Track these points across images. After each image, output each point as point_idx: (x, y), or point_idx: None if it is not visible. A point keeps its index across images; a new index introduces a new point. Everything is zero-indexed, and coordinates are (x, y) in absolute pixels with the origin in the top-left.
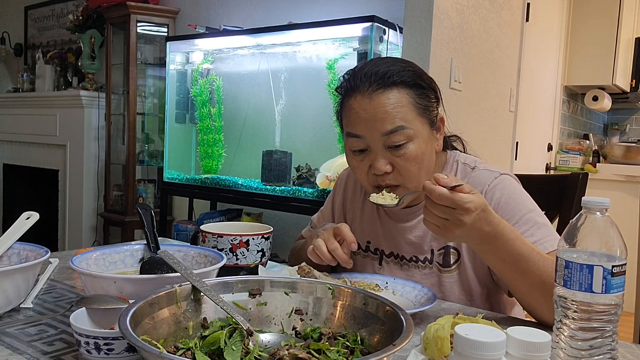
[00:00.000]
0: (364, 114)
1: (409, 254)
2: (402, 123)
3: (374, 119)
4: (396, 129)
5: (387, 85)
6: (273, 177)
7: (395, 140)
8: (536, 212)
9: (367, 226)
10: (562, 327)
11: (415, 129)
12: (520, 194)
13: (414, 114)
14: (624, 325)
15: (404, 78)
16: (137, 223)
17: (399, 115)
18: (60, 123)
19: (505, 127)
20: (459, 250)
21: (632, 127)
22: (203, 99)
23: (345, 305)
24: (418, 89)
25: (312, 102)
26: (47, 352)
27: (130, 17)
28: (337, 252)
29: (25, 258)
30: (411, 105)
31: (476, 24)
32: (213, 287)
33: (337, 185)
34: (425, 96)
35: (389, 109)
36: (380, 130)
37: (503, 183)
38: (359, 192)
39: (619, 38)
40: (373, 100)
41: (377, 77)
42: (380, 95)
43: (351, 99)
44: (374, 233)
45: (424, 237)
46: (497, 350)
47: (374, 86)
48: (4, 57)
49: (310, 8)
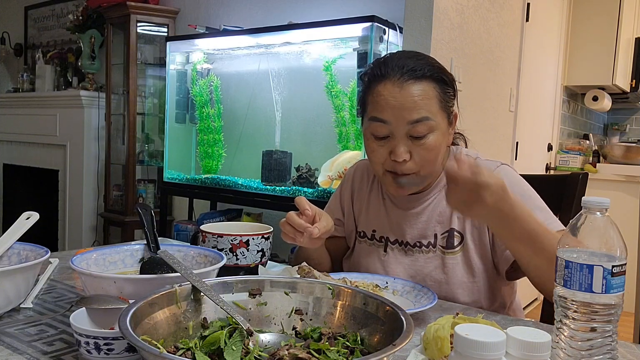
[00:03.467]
0: (393, 101)
1: (413, 240)
2: (427, 114)
3: (402, 107)
4: (422, 119)
5: (418, 77)
6: (273, 177)
7: (420, 130)
8: (537, 197)
9: (372, 215)
10: (562, 327)
11: (437, 121)
12: (521, 181)
13: (437, 107)
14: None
15: (432, 72)
16: (137, 223)
17: (425, 107)
18: (60, 123)
19: (505, 127)
20: (463, 233)
21: (632, 127)
22: (203, 99)
23: (345, 305)
24: (442, 84)
25: (312, 102)
26: (47, 352)
27: (130, 17)
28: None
29: (25, 258)
30: (436, 99)
31: (476, 24)
32: (213, 287)
33: (345, 181)
34: (446, 92)
35: (418, 99)
36: (407, 118)
37: (505, 170)
38: (366, 184)
39: (619, 38)
40: (403, 89)
41: (409, 69)
42: (410, 85)
43: (380, 85)
44: (379, 222)
45: (428, 222)
46: (497, 350)
47: (405, 76)
48: (4, 57)
49: (310, 8)
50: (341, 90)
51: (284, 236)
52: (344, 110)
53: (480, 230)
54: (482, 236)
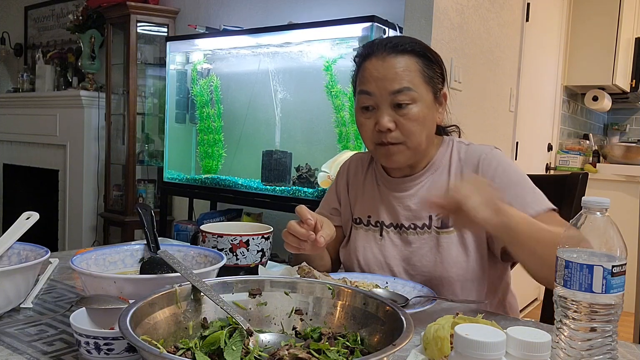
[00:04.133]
0: (376, 73)
1: (407, 222)
2: (409, 85)
3: (385, 78)
4: (403, 89)
5: (400, 51)
6: (273, 177)
7: (401, 99)
8: (527, 178)
9: (367, 201)
10: (562, 327)
11: (419, 93)
12: (512, 164)
13: (420, 80)
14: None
15: (414, 48)
16: (137, 223)
17: (407, 78)
18: (60, 123)
19: (505, 127)
20: None
21: (632, 127)
22: (203, 99)
23: (345, 305)
24: (426, 59)
25: (312, 102)
26: (47, 352)
27: (130, 17)
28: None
29: (25, 258)
30: (418, 72)
31: (476, 24)
32: (213, 287)
33: (340, 173)
34: (431, 68)
35: (399, 71)
36: (389, 88)
37: (497, 153)
38: (360, 173)
39: (619, 38)
40: (386, 62)
41: (392, 44)
42: (392, 58)
43: (366, 62)
44: (373, 207)
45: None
46: (497, 350)
47: (388, 51)
48: (4, 57)
49: (310, 8)
50: (341, 90)
51: (287, 246)
52: (344, 110)
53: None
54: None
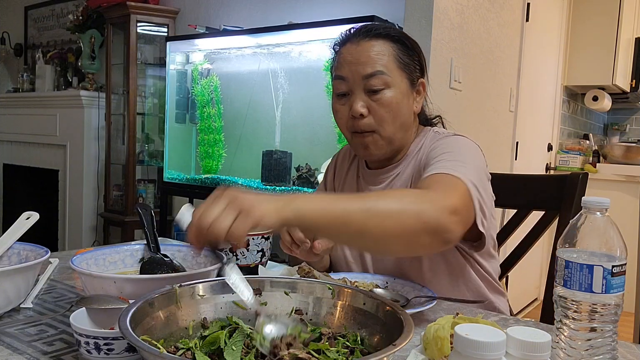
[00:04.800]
0: (350, 57)
1: None
2: (381, 69)
3: (358, 62)
4: (375, 72)
5: (373, 35)
6: (273, 177)
7: (374, 83)
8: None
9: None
10: (562, 327)
11: (393, 78)
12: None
13: (394, 65)
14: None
15: (389, 32)
16: (137, 223)
17: (380, 62)
18: (60, 123)
19: (505, 127)
20: None
21: (632, 127)
22: (204, 99)
23: (345, 305)
24: (402, 45)
25: (312, 102)
26: (47, 352)
27: (130, 17)
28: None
29: (25, 258)
30: (393, 57)
31: (476, 24)
32: (213, 287)
33: (330, 165)
34: (407, 54)
35: (372, 54)
36: (362, 72)
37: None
38: (346, 165)
39: (619, 38)
40: (359, 46)
41: (366, 29)
42: (366, 42)
43: (342, 47)
44: None
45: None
46: (497, 350)
47: (362, 35)
48: (4, 57)
49: (310, 8)
50: None
51: (282, 244)
52: None
53: None
54: None
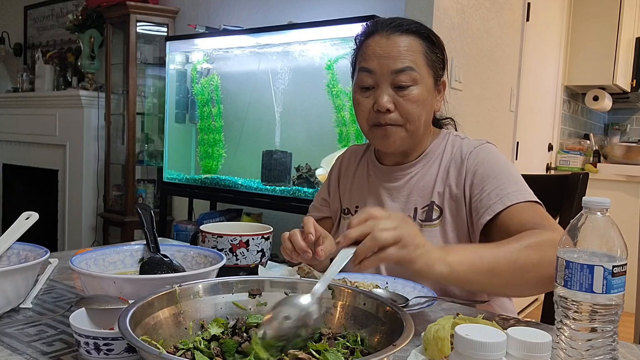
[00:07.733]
0: (379, 50)
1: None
2: (411, 65)
3: (388, 56)
4: (405, 68)
5: (404, 30)
6: (273, 177)
7: (403, 79)
8: (512, 171)
9: (356, 192)
10: (563, 327)
11: (421, 74)
12: (499, 156)
13: (422, 62)
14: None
15: (419, 29)
16: (136, 223)
17: (410, 58)
18: (59, 123)
19: (505, 127)
20: (442, 207)
21: (632, 127)
22: (204, 99)
23: (345, 305)
24: (429, 42)
25: (312, 102)
26: (46, 352)
27: (130, 17)
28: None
29: (24, 258)
30: (422, 54)
31: (476, 24)
32: (213, 287)
33: (334, 164)
34: (433, 52)
35: (403, 49)
36: (392, 67)
37: (486, 147)
38: (353, 164)
39: (619, 38)
40: (390, 39)
41: (397, 24)
42: (397, 37)
43: (369, 39)
44: (362, 198)
45: (409, 196)
46: (497, 350)
47: (392, 29)
48: (4, 57)
49: (310, 8)
50: (342, 89)
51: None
52: (344, 110)
53: (457, 204)
54: (459, 210)
